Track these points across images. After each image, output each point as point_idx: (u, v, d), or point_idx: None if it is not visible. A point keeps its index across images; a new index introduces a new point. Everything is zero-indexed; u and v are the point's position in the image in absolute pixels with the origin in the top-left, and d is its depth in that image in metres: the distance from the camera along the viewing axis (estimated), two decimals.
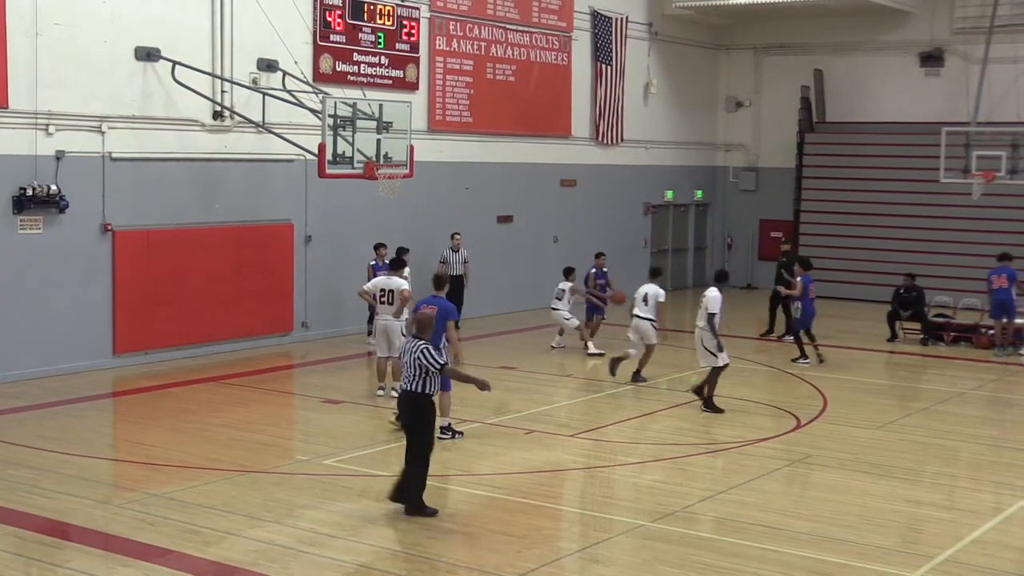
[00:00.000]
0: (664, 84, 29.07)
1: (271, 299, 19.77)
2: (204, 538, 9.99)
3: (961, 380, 18.49)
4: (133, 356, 17.83)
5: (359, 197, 20.05)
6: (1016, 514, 11.31)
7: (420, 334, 11.02)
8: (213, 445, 13.30)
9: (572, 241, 26.05)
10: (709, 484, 12.09)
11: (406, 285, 15.61)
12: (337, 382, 17.15)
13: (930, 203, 27.24)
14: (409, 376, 10.82)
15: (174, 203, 18.29)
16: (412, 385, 10.80)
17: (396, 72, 21.46)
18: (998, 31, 26.66)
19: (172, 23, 17.97)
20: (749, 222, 31.14)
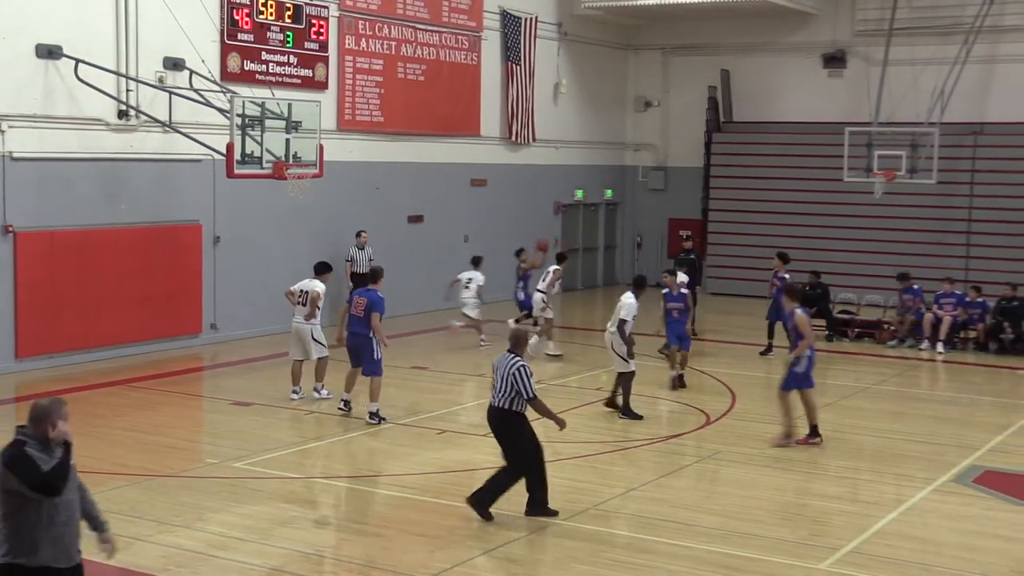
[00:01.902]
0: (573, 84, 29.25)
1: (179, 301, 19.50)
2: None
3: (865, 375, 18.89)
4: (36, 360, 17.46)
5: (268, 197, 19.88)
6: (917, 505, 11.60)
7: (515, 349, 10.74)
8: (120, 449, 13.09)
9: (482, 241, 26.07)
10: (620, 481, 12.20)
11: (320, 288, 15.58)
12: (247, 384, 16.98)
13: (834, 202, 27.79)
14: (501, 391, 10.55)
15: (78, 204, 17.95)
16: (501, 402, 10.57)
17: (305, 71, 21.30)
18: (897, 33, 27.27)
19: (75, 20, 17.63)
20: (658, 221, 31.46)
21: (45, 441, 6.56)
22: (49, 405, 6.65)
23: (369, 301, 14.48)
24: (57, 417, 6.60)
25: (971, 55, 26.16)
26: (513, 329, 11.24)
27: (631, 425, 14.75)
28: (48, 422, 6.57)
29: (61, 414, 6.63)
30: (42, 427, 6.57)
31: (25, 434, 6.57)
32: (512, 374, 10.48)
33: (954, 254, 26.52)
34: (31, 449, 6.49)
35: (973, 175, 27.10)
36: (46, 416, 6.59)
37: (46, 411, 6.61)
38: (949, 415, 16.35)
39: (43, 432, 6.57)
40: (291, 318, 15.95)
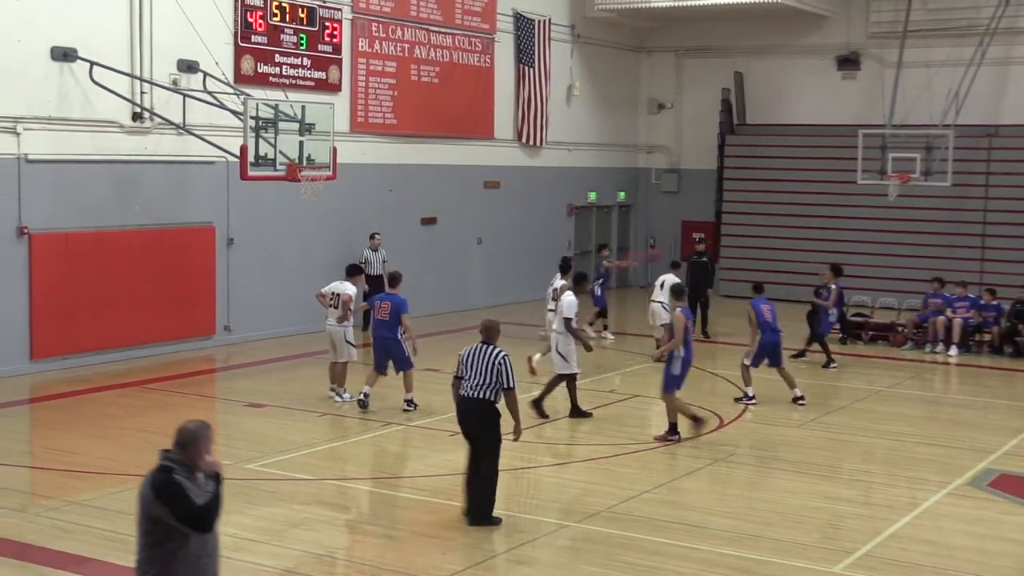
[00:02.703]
0: (586, 86, 29.24)
1: (193, 302, 19.55)
2: (125, 546, 9.82)
3: (878, 378, 18.84)
4: (51, 361, 17.52)
5: (282, 199, 19.92)
6: (931, 508, 11.57)
7: (490, 339, 10.65)
8: (134, 451, 13.12)
9: (496, 243, 26.11)
10: (633, 484, 12.18)
11: (352, 291, 15.64)
12: (260, 386, 17.01)
13: (848, 204, 27.71)
14: (479, 383, 10.42)
15: (93, 206, 18.01)
16: (480, 392, 10.42)
17: (319, 73, 21.34)
18: (911, 35, 27.19)
19: (89, 23, 17.70)
20: (671, 223, 31.42)
21: (192, 468, 6.21)
22: (197, 430, 6.30)
23: (393, 305, 14.95)
24: (207, 443, 6.28)
25: (986, 57, 26.07)
26: (485, 320, 11.17)
27: (643, 428, 14.71)
28: (197, 448, 6.23)
29: (209, 439, 6.32)
30: (190, 453, 6.23)
31: (171, 459, 6.21)
32: (498, 364, 10.36)
33: (969, 256, 26.42)
34: (180, 477, 6.14)
35: (988, 177, 27.00)
36: (194, 441, 6.24)
37: (194, 436, 6.26)
38: (963, 418, 16.29)
39: (191, 458, 6.22)
40: (313, 320, 16.09)
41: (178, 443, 6.24)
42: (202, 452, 6.24)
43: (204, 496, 6.14)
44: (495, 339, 10.69)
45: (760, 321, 16.24)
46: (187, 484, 6.12)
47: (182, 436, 6.26)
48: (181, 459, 6.21)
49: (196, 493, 6.13)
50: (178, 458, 6.21)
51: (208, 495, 6.16)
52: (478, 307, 23.96)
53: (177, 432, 6.29)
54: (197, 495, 6.12)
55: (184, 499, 6.05)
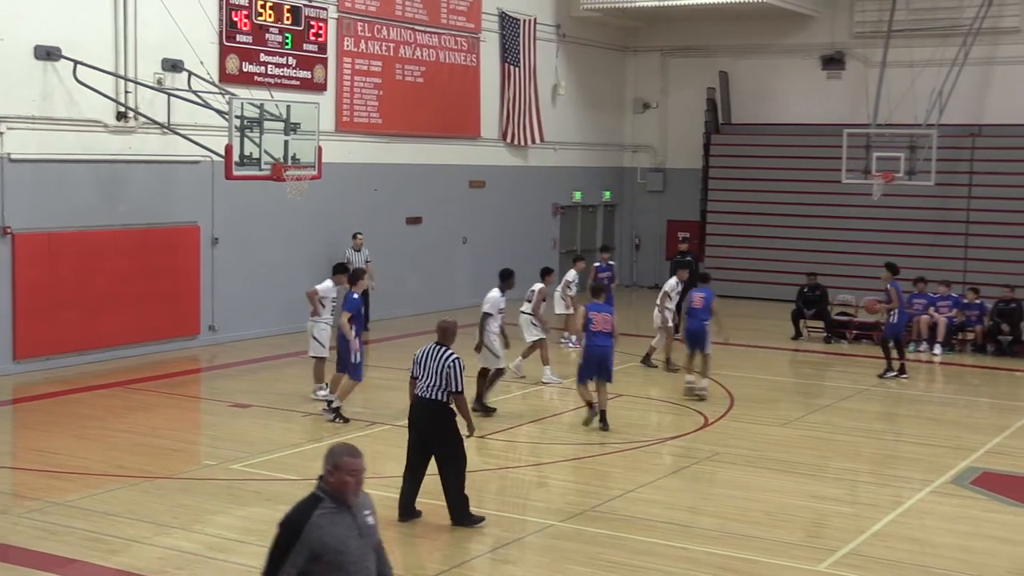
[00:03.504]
0: (572, 85, 29.26)
1: (177, 302, 19.50)
2: (109, 546, 9.83)
3: (863, 377, 18.89)
4: (34, 362, 17.45)
5: (267, 199, 19.87)
6: (914, 507, 11.61)
7: (444, 340, 10.63)
8: (117, 451, 13.08)
9: (481, 242, 26.11)
10: (618, 483, 12.19)
11: (321, 286, 15.70)
12: (245, 386, 16.98)
13: (832, 203, 27.80)
14: (430, 384, 10.40)
15: (77, 205, 17.95)
16: (432, 393, 10.39)
17: (304, 73, 21.31)
18: (895, 35, 27.30)
19: (73, 21, 17.63)
20: (657, 223, 31.47)
21: (340, 499, 5.58)
22: (336, 451, 5.68)
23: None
24: (352, 469, 5.61)
25: (969, 57, 26.20)
26: (441, 321, 11.17)
27: (628, 427, 14.72)
28: (339, 474, 5.59)
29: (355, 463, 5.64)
30: (332, 480, 5.60)
31: (324, 491, 5.62)
32: (447, 366, 10.33)
33: (952, 255, 26.52)
34: (325, 508, 5.54)
35: (971, 177, 27.12)
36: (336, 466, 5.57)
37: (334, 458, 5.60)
38: (947, 417, 16.36)
39: (335, 487, 5.60)
40: (299, 319, 16.16)
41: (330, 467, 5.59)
42: (347, 482, 5.57)
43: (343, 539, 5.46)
44: (449, 340, 10.69)
45: (689, 307, 16.93)
46: (315, 528, 5.46)
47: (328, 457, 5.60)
48: (331, 487, 5.58)
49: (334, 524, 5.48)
50: (328, 487, 5.58)
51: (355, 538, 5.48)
52: (463, 307, 23.92)
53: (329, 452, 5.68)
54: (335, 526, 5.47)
55: (272, 553, 5.48)
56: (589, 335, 14.38)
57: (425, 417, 10.48)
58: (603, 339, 14.36)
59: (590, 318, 14.38)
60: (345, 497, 5.53)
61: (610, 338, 14.42)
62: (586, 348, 14.42)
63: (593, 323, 14.35)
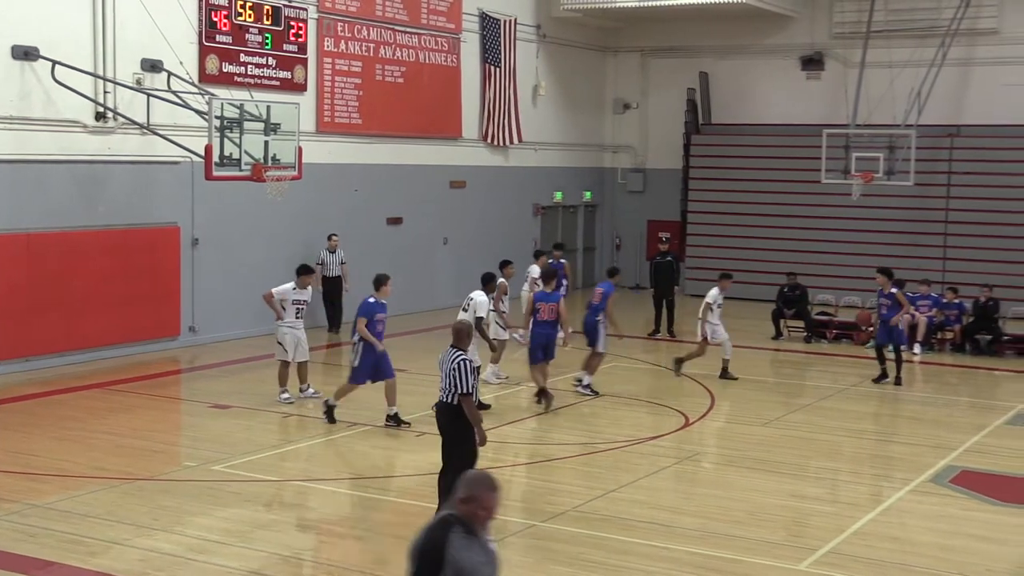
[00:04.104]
0: (552, 86, 29.28)
1: (157, 303, 19.43)
2: (89, 548, 9.79)
3: (843, 376, 18.97)
4: (12, 363, 17.35)
5: (247, 199, 19.81)
6: (894, 505, 11.67)
7: (458, 343, 10.52)
8: (97, 453, 13.03)
9: (462, 243, 26.09)
10: (599, 483, 12.20)
11: (279, 288, 15.70)
12: (226, 387, 16.92)
13: (812, 203, 27.91)
14: (446, 387, 10.31)
15: (55, 206, 17.85)
16: (448, 397, 10.30)
17: (284, 73, 21.26)
18: (874, 36, 27.42)
19: (52, 21, 17.54)
20: (637, 223, 31.53)
21: (473, 526, 5.37)
22: (476, 479, 5.46)
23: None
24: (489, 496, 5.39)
25: (947, 58, 26.35)
26: (456, 323, 11.13)
27: (609, 427, 14.75)
28: (476, 502, 5.36)
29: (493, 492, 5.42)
30: (468, 507, 5.37)
31: (456, 515, 5.40)
32: (454, 368, 10.21)
33: (931, 255, 26.66)
34: (457, 531, 5.32)
35: (950, 177, 27.27)
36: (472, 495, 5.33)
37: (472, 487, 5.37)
38: (926, 416, 16.44)
39: (469, 514, 5.38)
40: (273, 321, 16.03)
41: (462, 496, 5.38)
42: (479, 516, 5.36)
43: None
44: (462, 343, 10.57)
45: (588, 300, 17.18)
46: (455, 549, 5.26)
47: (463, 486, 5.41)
48: (463, 514, 5.37)
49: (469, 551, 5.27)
50: (460, 513, 5.38)
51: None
52: (445, 307, 23.92)
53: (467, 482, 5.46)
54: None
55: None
56: (535, 323, 15.68)
57: (442, 421, 10.45)
58: (547, 327, 15.65)
59: (537, 307, 15.74)
60: (475, 527, 5.39)
61: (555, 326, 15.66)
62: (532, 334, 15.65)
63: (540, 312, 15.66)
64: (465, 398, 10.21)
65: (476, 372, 10.42)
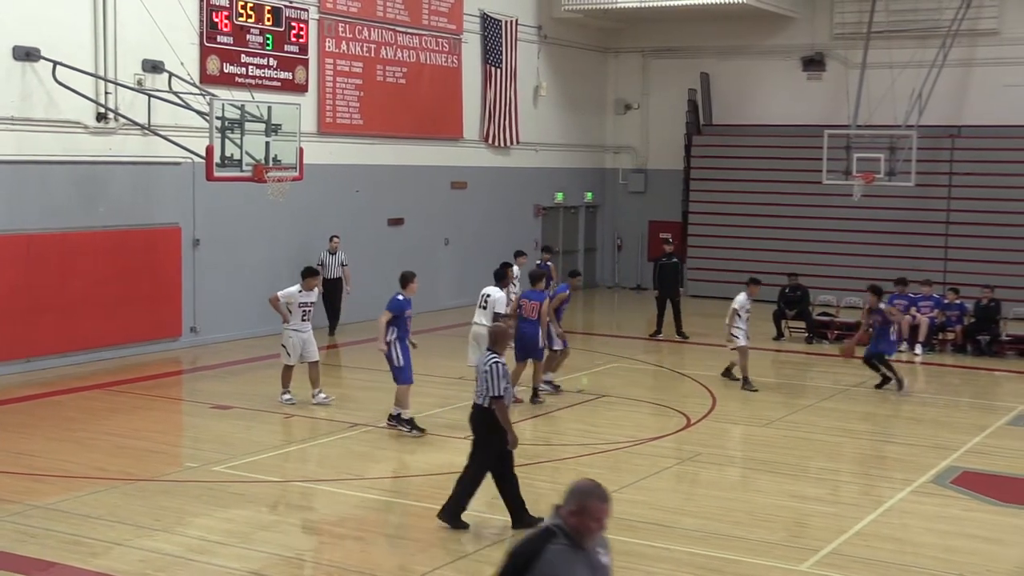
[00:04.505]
0: (553, 87, 29.28)
1: (158, 304, 19.43)
2: (90, 549, 9.79)
3: (844, 377, 18.95)
4: (13, 364, 17.35)
5: (248, 200, 19.81)
6: (896, 506, 11.66)
7: (493, 347, 10.51)
8: (98, 453, 13.03)
9: (463, 244, 26.09)
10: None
11: (284, 291, 15.56)
12: (227, 388, 16.93)
13: (813, 204, 27.90)
14: (478, 389, 10.32)
15: (56, 207, 17.86)
16: (481, 400, 10.29)
17: (285, 74, 21.26)
18: (875, 37, 27.41)
19: (52, 22, 17.55)
20: (638, 223, 31.52)
21: (578, 539, 5.07)
22: (586, 489, 5.15)
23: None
24: (598, 507, 5.11)
25: (948, 58, 26.33)
26: (493, 326, 11.14)
27: (610, 428, 14.75)
28: (585, 515, 5.08)
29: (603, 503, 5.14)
30: (576, 519, 5.08)
31: (560, 527, 5.11)
32: (487, 369, 10.23)
33: (932, 256, 26.66)
34: (558, 544, 5.05)
35: (951, 178, 27.25)
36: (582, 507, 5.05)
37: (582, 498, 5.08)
38: (927, 416, 16.43)
39: (577, 526, 5.08)
40: (276, 322, 16.03)
41: (571, 508, 5.10)
42: (590, 528, 5.07)
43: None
44: (500, 346, 10.53)
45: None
46: (546, 565, 4.98)
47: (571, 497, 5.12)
48: (570, 526, 5.08)
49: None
50: (566, 525, 5.09)
51: None
52: (446, 308, 23.94)
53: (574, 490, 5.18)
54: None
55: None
56: (520, 320, 15.81)
57: (473, 422, 10.46)
58: (529, 325, 15.77)
59: (520, 304, 16.08)
60: (582, 540, 5.10)
61: (535, 324, 15.74)
62: (517, 332, 15.59)
63: (523, 309, 15.97)
64: (497, 401, 10.17)
65: (509, 375, 10.36)
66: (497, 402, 10.19)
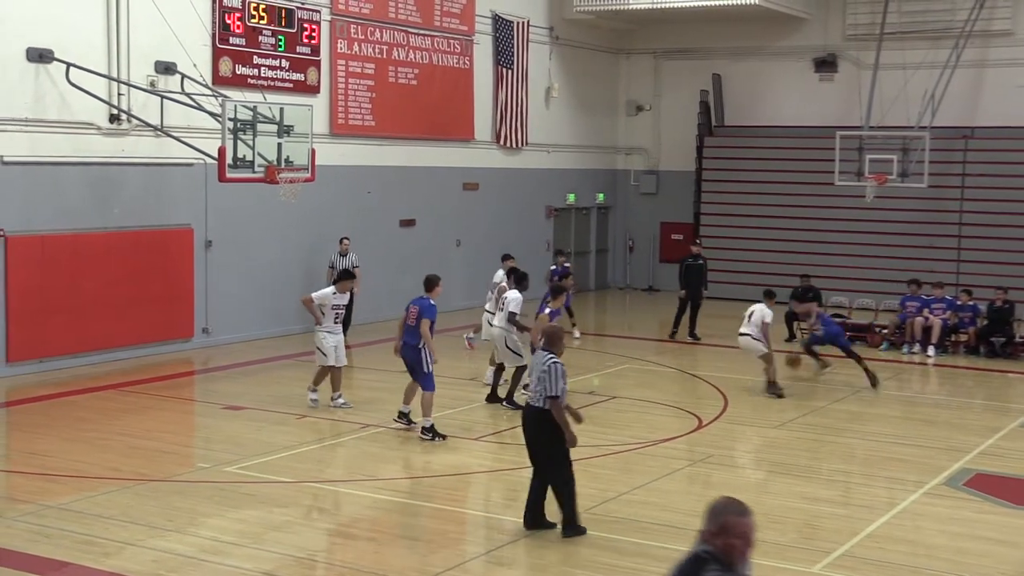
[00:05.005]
0: (565, 88, 29.28)
1: (171, 305, 19.48)
2: (103, 549, 9.82)
3: (856, 378, 18.89)
4: (27, 364, 17.41)
5: (260, 201, 19.85)
6: (908, 508, 11.63)
7: (548, 346, 10.46)
8: (111, 454, 13.07)
9: (475, 245, 26.10)
10: (612, 485, 12.19)
11: (319, 292, 15.49)
12: (239, 388, 16.96)
13: (825, 205, 27.84)
14: (536, 391, 10.26)
15: (70, 208, 17.92)
16: (536, 401, 10.25)
17: (297, 75, 21.30)
18: (888, 38, 27.35)
19: (66, 24, 17.61)
20: (650, 225, 31.49)
21: (728, 563, 4.89)
22: (726, 506, 5.03)
23: (420, 309, 14.15)
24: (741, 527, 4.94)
25: (961, 59, 26.25)
26: (548, 326, 11.16)
27: (622, 429, 14.75)
28: (730, 534, 4.91)
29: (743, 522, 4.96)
30: (722, 541, 4.91)
31: (709, 552, 4.94)
32: (543, 371, 10.16)
33: (945, 258, 26.59)
34: (711, 571, 4.88)
35: (964, 179, 27.18)
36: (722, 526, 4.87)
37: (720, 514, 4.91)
38: (940, 418, 16.39)
39: (724, 548, 4.91)
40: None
41: (712, 530, 4.93)
42: (734, 546, 4.90)
43: None
44: (553, 346, 10.48)
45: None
46: None
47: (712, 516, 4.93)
48: (717, 548, 4.91)
49: None
50: (713, 548, 4.91)
51: None
52: (457, 309, 23.95)
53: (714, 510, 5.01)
54: None
55: None
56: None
57: (529, 423, 10.39)
58: None
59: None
60: (732, 562, 4.91)
61: None
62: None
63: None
64: (553, 401, 10.17)
65: (566, 375, 10.35)
66: (553, 402, 10.18)
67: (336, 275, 15.98)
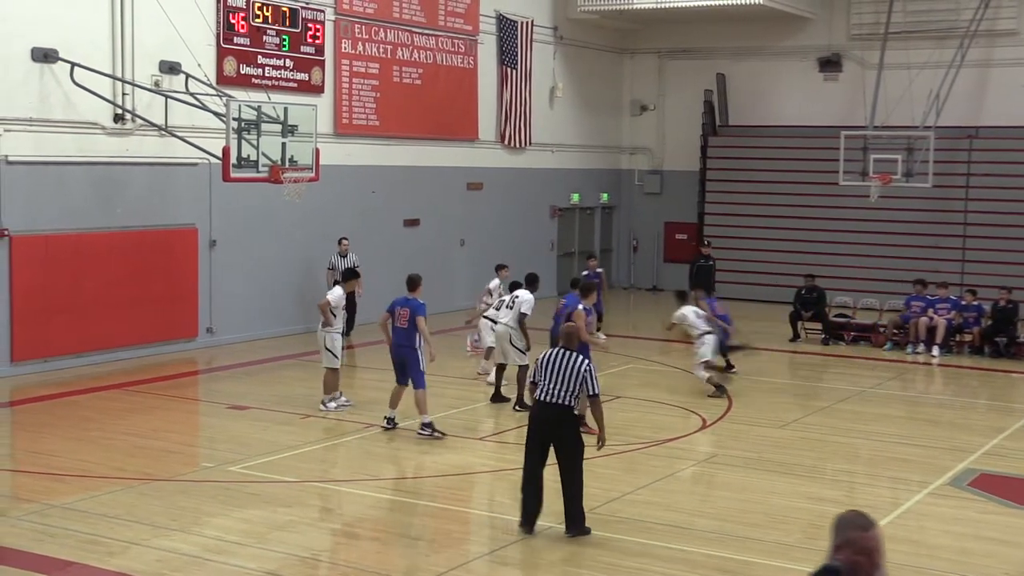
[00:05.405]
0: (569, 88, 29.27)
1: (175, 304, 19.49)
2: (107, 548, 9.83)
3: (861, 378, 18.92)
4: (31, 364, 17.44)
5: (264, 201, 19.86)
6: (912, 508, 11.62)
7: (569, 345, 10.50)
8: (115, 453, 13.08)
9: (479, 245, 26.10)
10: (616, 485, 12.19)
11: (331, 295, 15.39)
12: (243, 388, 16.97)
13: (830, 205, 27.82)
14: (560, 388, 10.21)
15: (74, 208, 17.94)
16: (562, 398, 10.21)
17: (301, 75, 21.31)
18: (892, 37, 27.31)
19: (70, 24, 17.63)
20: (654, 224, 31.48)
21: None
22: (852, 521, 4.87)
23: (412, 309, 14.07)
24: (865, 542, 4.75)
25: (966, 59, 26.21)
26: (565, 325, 11.24)
27: (626, 428, 14.74)
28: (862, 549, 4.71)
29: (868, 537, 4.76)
30: (849, 556, 4.74)
31: (837, 568, 4.79)
32: (582, 373, 10.16)
33: (950, 258, 26.56)
34: None
35: (968, 179, 27.14)
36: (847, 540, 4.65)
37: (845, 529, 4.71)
38: (944, 418, 16.38)
39: (852, 563, 4.72)
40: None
41: (842, 543, 4.78)
42: (858, 563, 4.73)
43: None
44: (572, 343, 10.55)
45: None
46: None
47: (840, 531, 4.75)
48: (844, 563, 4.76)
49: None
50: (841, 563, 4.76)
51: None
52: (461, 309, 23.94)
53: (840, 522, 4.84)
54: None
55: None
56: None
57: (551, 421, 10.29)
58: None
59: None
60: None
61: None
62: None
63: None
64: (594, 399, 10.34)
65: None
66: (595, 400, 10.35)
67: (341, 275, 15.95)
